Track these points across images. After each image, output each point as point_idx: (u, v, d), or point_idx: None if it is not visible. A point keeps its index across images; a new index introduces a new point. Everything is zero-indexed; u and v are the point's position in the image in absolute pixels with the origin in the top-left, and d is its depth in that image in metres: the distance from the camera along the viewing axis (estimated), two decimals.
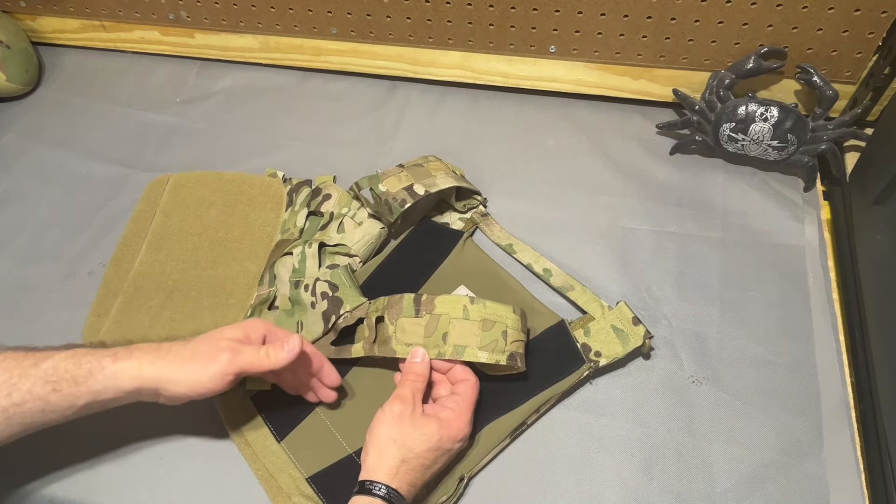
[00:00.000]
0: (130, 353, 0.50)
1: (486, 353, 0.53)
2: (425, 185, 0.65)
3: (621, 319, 0.59)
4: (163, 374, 0.49)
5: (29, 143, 0.83)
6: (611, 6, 0.68)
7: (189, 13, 0.83)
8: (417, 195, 0.64)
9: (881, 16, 0.62)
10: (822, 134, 0.66)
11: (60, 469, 0.57)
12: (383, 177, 0.66)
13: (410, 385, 0.53)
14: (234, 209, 0.71)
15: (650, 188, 0.72)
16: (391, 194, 0.64)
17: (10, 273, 0.71)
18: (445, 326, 0.54)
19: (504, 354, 0.54)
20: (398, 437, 0.50)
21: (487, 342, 0.54)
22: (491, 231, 0.69)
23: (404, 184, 0.65)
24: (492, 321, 0.54)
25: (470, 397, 0.53)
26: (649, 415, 0.58)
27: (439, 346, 0.54)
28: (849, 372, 0.59)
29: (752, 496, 0.53)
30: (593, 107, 0.80)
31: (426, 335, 0.55)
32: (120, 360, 0.49)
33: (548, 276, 0.65)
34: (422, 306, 0.55)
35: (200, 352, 0.50)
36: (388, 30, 0.77)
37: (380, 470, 0.49)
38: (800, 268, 0.65)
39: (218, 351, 0.50)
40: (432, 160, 0.69)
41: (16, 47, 0.85)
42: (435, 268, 0.66)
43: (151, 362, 0.49)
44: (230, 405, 0.59)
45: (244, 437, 0.58)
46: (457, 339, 0.54)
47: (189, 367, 0.49)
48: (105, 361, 0.49)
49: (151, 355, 0.50)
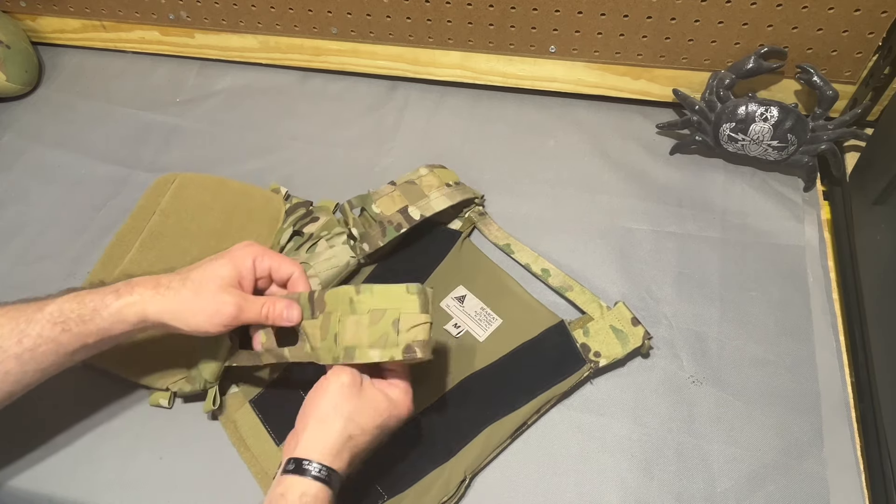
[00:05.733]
0: (132, 288, 0.50)
1: (377, 351, 0.48)
2: (420, 207, 0.64)
3: (620, 320, 0.59)
4: (166, 311, 0.49)
5: (29, 143, 0.83)
6: (611, 6, 0.68)
7: (189, 13, 0.83)
8: (413, 220, 0.63)
9: (881, 16, 0.62)
10: (822, 134, 0.66)
11: (60, 469, 0.57)
12: (376, 196, 0.65)
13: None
14: (231, 219, 0.70)
15: (650, 188, 0.72)
16: (386, 217, 0.63)
17: (10, 273, 0.71)
18: (336, 326, 0.50)
19: (398, 348, 0.48)
20: (346, 409, 0.46)
21: (377, 337, 0.48)
22: (489, 231, 0.69)
23: (399, 205, 0.64)
24: (381, 310, 0.49)
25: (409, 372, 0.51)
26: (649, 415, 0.58)
27: (332, 350, 0.50)
28: (849, 372, 0.59)
29: (752, 496, 0.53)
30: (593, 107, 0.80)
31: (322, 338, 0.51)
32: (122, 296, 0.49)
33: (546, 277, 0.65)
34: (315, 305, 0.52)
35: (202, 295, 0.50)
36: (388, 30, 0.77)
37: (319, 446, 0.45)
38: (800, 268, 0.65)
39: (222, 304, 0.50)
40: (424, 174, 0.68)
41: (16, 47, 0.85)
42: (433, 269, 0.66)
43: (152, 299, 0.49)
44: (228, 410, 0.59)
45: (243, 441, 0.57)
46: (348, 340, 0.49)
47: (191, 310, 0.49)
48: (108, 298, 0.49)
49: (151, 290, 0.49)
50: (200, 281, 0.50)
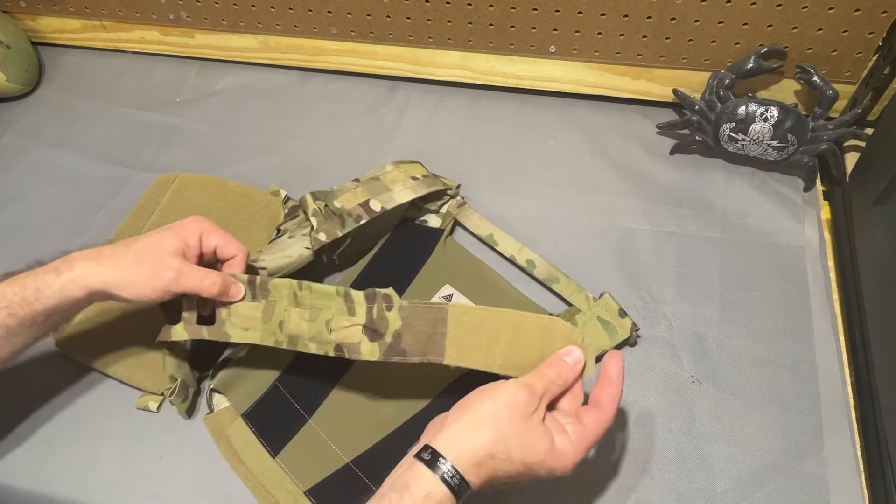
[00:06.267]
0: (71, 264, 0.50)
1: (314, 345, 0.51)
2: (382, 200, 0.63)
3: (607, 311, 0.59)
4: (107, 280, 0.49)
5: (29, 143, 0.83)
6: (611, 6, 0.68)
7: (189, 13, 0.83)
8: (374, 212, 0.62)
9: (881, 16, 0.62)
10: (822, 134, 0.66)
11: (60, 469, 0.57)
12: (339, 192, 0.64)
13: (546, 382, 0.44)
14: (230, 221, 0.70)
15: (650, 188, 0.72)
16: (346, 210, 0.62)
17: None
18: (282, 314, 0.53)
19: (330, 346, 0.51)
20: (503, 426, 0.41)
21: (314, 332, 0.51)
22: (470, 222, 0.68)
23: (360, 199, 0.63)
24: (318, 308, 0.52)
25: (595, 434, 0.44)
26: (649, 415, 0.58)
27: (276, 335, 0.53)
28: (849, 372, 0.59)
29: (752, 496, 0.53)
30: (593, 107, 0.80)
31: (264, 321, 0.53)
32: (63, 273, 0.49)
33: (531, 268, 0.64)
34: (258, 290, 0.54)
35: (143, 261, 0.50)
36: (388, 30, 0.77)
37: (461, 446, 0.41)
38: (800, 268, 0.65)
39: (162, 268, 0.50)
40: (389, 170, 0.67)
41: (16, 47, 0.85)
42: (418, 269, 0.66)
43: (93, 270, 0.49)
44: (220, 425, 0.58)
45: (238, 456, 0.56)
46: (293, 329, 0.52)
47: (132, 276, 0.50)
48: (49, 278, 0.49)
49: (92, 262, 0.50)
50: (144, 248, 0.51)
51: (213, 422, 0.58)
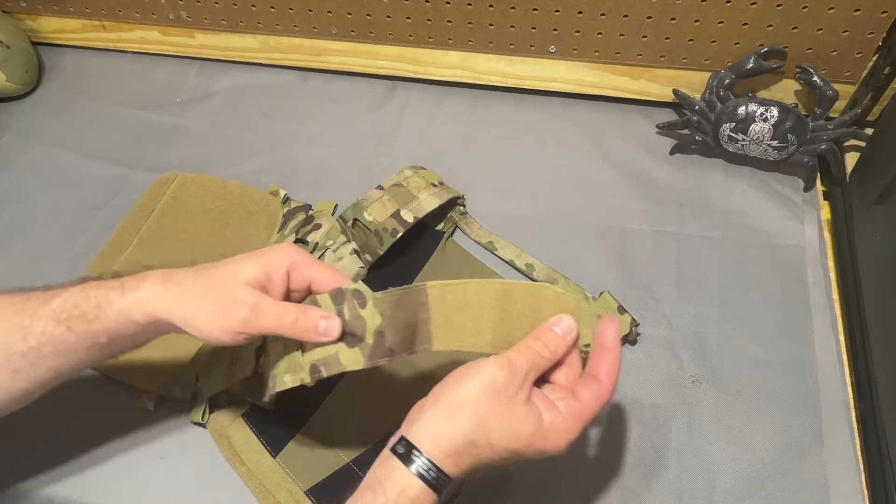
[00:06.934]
0: (138, 283, 0.43)
1: (290, 377, 0.44)
2: (412, 210, 0.63)
3: (607, 309, 0.59)
4: (172, 310, 0.42)
5: (29, 143, 0.83)
6: (611, 6, 0.68)
7: (189, 13, 0.83)
8: (407, 223, 0.62)
9: (881, 16, 0.62)
10: (822, 134, 0.66)
11: (60, 469, 0.57)
12: (366, 203, 0.64)
13: (531, 356, 0.40)
14: (229, 221, 0.70)
15: (650, 188, 0.72)
16: (380, 224, 0.63)
17: (9, 273, 0.71)
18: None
19: (305, 371, 0.43)
20: (482, 411, 0.38)
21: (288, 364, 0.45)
22: (470, 229, 0.69)
23: (390, 210, 0.63)
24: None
25: (591, 409, 0.40)
26: (649, 415, 0.58)
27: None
28: (849, 372, 0.59)
29: (752, 496, 0.53)
30: (593, 107, 0.80)
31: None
32: (128, 293, 0.42)
33: (531, 271, 0.65)
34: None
35: (214, 294, 0.42)
36: (388, 30, 0.77)
37: (437, 436, 0.38)
38: (800, 268, 0.65)
39: (234, 304, 0.41)
40: (410, 175, 0.67)
41: (16, 47, 0.85)
42: (419, 270, 0.66)
43: (158, 295, 0.42)
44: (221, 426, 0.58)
45: (238, 457, 0.56)
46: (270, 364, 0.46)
47: (198, 310, 0.42)
48: (112, 295, 0.42)
49: (160, 287, 0.42)
50: (216, 277, 0.43)
51: (213, 422, 0.58)
